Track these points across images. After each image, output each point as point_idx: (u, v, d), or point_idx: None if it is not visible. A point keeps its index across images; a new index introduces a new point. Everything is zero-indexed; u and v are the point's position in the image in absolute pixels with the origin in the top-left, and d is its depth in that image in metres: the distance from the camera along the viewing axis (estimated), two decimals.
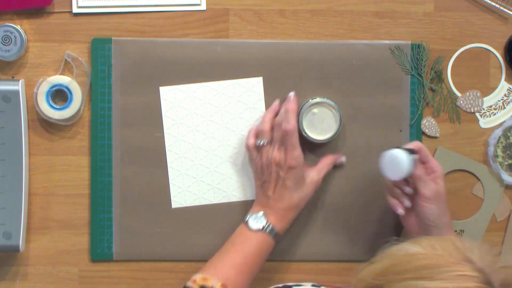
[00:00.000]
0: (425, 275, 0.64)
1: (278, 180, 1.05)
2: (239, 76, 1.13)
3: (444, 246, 0.68)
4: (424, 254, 0.67)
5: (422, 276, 0.64)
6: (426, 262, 0.66)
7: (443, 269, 0.65)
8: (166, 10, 1.13)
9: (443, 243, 0.69)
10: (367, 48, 1.14)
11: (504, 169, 1.16)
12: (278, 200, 1.06)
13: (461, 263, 0.65)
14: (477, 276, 0.64)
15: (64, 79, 1.10)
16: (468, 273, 0.64)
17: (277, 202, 1.06)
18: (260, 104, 1.13)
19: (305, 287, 0.92)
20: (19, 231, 1.09)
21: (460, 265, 0.65)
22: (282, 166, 1.05)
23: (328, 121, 1.10)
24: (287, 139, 1.05)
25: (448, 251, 0.67)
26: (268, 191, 1.06)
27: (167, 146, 1.13)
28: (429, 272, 0.65)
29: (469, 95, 1.16)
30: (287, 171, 1.04)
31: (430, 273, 0.64)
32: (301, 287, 0.92)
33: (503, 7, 1.15)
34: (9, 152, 1.08)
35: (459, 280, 0.64)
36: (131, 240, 1.12)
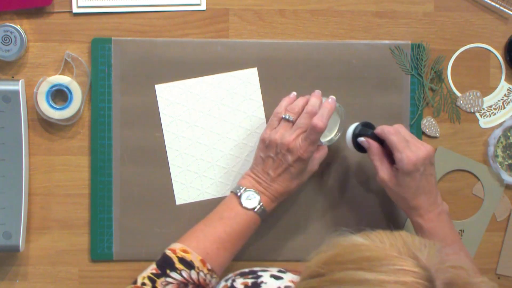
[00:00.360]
0: (366, 267, 0.64)
1: (283, 163, 1.04)
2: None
3: (393, 240, 0.68)
4: (367, 246, 0.67)
5: (362, 267, 0.64)
6: (369, 254, 0.66)
7: (384, 262, 0.64)
8: (166, 10, 1.13)
9: (393, 238, 0.68)
10: (367, 48, 1.14)
11: (504, 169, 1.16)
12: (277, 182, 1.04)
13: (404, 258, 0.65)
14: (418, 272, 0.63)
15: (64, 79, 1.10)
16: (409, 268, 0.63)
17: (275, 183, 1.04)
18: (256, 95, 1.13)
19: (271, 272, 0.92)
20: (19, 231, 1.09)
21: (403, 259, 0.64)
22: (293, 153, 1.03)
23: (331, 124, 1.07)
24: (312, 133, 1.02)
25: (396, 246, 0.66)
26: (269, 169, 1.04)
27: (167, 143, 1.13)
28: (370, 264, 0.64)
29: (469, 95, 1.16)
30: (296, 160, 1.03)
31: (370, 265, 0.64)
32: (267, 272, 0.92)
33: (503, 7, 1.15)
34: (9, 152, 1.08)
35: (398, 273, 0.63)
36: (131, 240, 1.12)
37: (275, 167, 1.04)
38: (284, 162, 1.03)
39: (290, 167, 1.03)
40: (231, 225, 1.02)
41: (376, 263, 0.64)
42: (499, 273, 1.18)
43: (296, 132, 1.03)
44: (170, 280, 0.98)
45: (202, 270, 0.99)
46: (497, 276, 1.18)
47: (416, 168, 0.99)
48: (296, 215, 1.14)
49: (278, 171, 1.04)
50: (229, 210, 1.04)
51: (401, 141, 1.00)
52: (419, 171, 0.99)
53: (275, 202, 1.06)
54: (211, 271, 1.00)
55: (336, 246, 0.69)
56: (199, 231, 1.03)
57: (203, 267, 0.99)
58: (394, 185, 1.02)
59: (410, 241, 0.68)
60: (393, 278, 0.63)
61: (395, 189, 1.02)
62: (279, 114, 1.06)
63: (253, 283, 0.89)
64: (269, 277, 0.90)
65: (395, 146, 1.00)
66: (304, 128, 1.03)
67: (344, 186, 1.15)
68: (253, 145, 1.13)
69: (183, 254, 0.99)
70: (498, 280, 1.18)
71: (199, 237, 1.02)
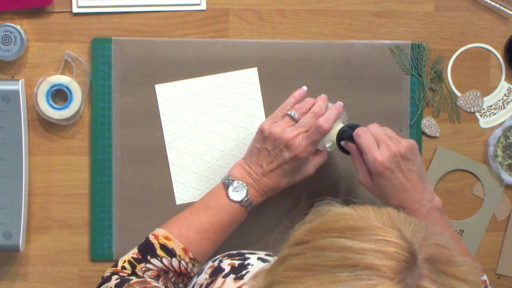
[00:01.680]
0: (348, 235, 0.65)
1: (278, 158, 1.02)
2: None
3: (378, 214, 0.68)
4: (352, 216, 0.68)
5: (345, 236, 0.65)
6: (352, 223, 0.66)
7: (367, 232, 0.65)
8: (166, 10, 1.13)
9: (379, 211, 0.69)
10: (367, 48, 1.14)
11: (504, 169, 1.16)
12: (269, 177, 1.03)
13: (387, 229, 0.65)
14: (400, 243, 0.64)
15: (64, 79, 1.10)
16: (391, 239, 0.64)
17: (266, 178, 1.03)
18: (256, 95, 1.13)
19: (258, 255, 0.92)
20: (19, 231, 1.09)
21: (386, 230, 0.65)
22: (291, 150, 1.01)
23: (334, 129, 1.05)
24: (315, 133, 1.01)
25: (381, 219, 0.67)
26: (263, 161, 1.03)
27: (167, 143, 1.13)
28: (353, 233, 0.65)
29: (469, 95, 1.16)
30: (292, 158, 1.01)
31: (353, 234, 0.65)
32: (255, 255, 0.92)
33: (503, 7, 1.15)
34: (9, 152, 1.08)
35: (380, 243, 0.63)
36: (131, 240, 1.12)
37: (269, 161, 1.03)
38: (280, 157, 1.02)
39: (285, 164, 1.02)
40: (215, 215, 1.02)
41: (359, 232, 0.65)
42: (499, 273, 1.18)
43: (298, 130, 1.02)
44: (150, 267, 0.98)
45: (183, 259, 0.99)
46: (497, 276, 1.18)
47: (385, 167, 0.96)
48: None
49: (272, 166, 1.03)
50: (216, 200, 1.03)
51: (368, 142, 0.98)
52: (389, 169, 0.97)
53: (264, 197, 1.05)
54: (193, 260, 1.00)
55: (321, 215, 0.70)
56: (183, 219, 1.03)
57: (184, 255, 0.99)
58: (372, 187, 1.00)
59: (395, 216, 0.68)
60: (374, 247, 0.63)
61: (374, 191, 1.01)
62: (285, 109, 1.05)
63: (239, 264, 0.89)
64: (256, 260, 0.90)
65: (362, 148, 0.99)
66: (307, 128, 1.02)
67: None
68: None
69: (165, 241, 0.99)
70: (498, 280, 1.18)
71: (183, 225, 1.01)
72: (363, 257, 0.62)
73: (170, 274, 0.99)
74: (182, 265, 0.99)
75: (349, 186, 1.15)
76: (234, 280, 0.87)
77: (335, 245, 0.65)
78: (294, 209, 1.14)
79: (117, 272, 0.98)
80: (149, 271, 0.98)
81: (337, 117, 1.03)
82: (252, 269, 0.88)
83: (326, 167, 1.12)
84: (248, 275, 0.87)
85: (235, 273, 0.88)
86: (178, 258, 0.99)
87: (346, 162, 1.13)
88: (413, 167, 0.98)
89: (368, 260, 0.62)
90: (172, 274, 0.99)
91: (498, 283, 1.18)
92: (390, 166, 0.97)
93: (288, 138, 1.01)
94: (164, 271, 0.99)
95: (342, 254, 0.63)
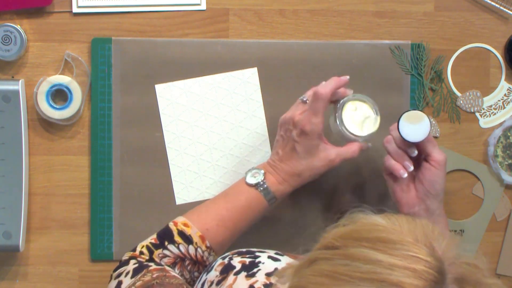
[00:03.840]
0: (380, 247, 0.64)
1: (290, 139, 1.03)
2: None
3: (412, 227, 0.67)
4: (385, 227, 0.67)
5: (376, 248, 0.64)
6: (385, 236, 0.65)
7: (399, 246, 0.64)
8: (166, 10, 1.13)
9: (413, 224, 0.68)
10: (367, 48, 1.14)
11: (504, 169, 1.16)
12: (284, 161, 1.03)
13: (419, 245, 0.64)
14: (431, 262, 0.63)
15: (64, 79, 1.10)
16: (422, 256, 0.63)
17: (282, 162, 1.03)
18: (256, 95, 1.13)
19: (268, 254, 0.92)
20: (19, 231, 1.09)
21: (417, 247, 0.64)
22: (297, 126, 1.01)
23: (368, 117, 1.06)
24: (314, 102, 1.01)
25: (414, 233, 0.66)
26: (279, 148, 1.04)
27: (167, 143, 1.13)
28: (384, 245, 0.64)
29: (469, 95, 1.16)
30: (299, 134, 1.01)
31: (385, 246, 0.64)
32: (265, 253, 0.92)
33: (503, 7, 1.15)
34: (9, 152, 1.08)
35: (409, 259, 0.63)
36: (131, 240, 1.12)
37: (283, 146, 1.04)
38: (290, 138, 1.02)
39: (296, 144, 1.02)
40: (232, 201, 1.03)
41: (390, 246, 0.64)
42: (499, 273, 1.18)
43: (304, 108, 1.02)
44: (167, 253, 0.98)
45: (200, 246, 0.99)
46: (497, 276, 1.18)
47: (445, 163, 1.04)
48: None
49: (286, 149, 1.03)
50: (234, 187, 1.05)
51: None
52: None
53: (284, 185, 1.03)
54: (209, 249, 0.99)
55: (355, 222, 0.69)
56: (203, 207, 1.04)
57: (201, 243, 0.99)
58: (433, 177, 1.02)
59: (429, 230, 0.67)
60: (403, 263, 0.62)
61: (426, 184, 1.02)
62: (305, 97, 1.05)
63: (250, 262, 0.89)
64: (267, 258, 0.90)
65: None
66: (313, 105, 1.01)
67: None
68: (252, 145, 1.13)
69: (183, 227, 0.99)
70: (498, 280, 1.18)
71: (202, 212, 1.02)
72: (391, 272, 0.62)
73: (187, 261, 0.99)
74: (199, 253, 0.99)
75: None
76: (246, 277, 0.87)
77: (365, 256, 0.64)
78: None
79: (135, 257, 0.99)
80: (166, 257, 0.98)
81: (336, 86, 1.02)
82: (263, 267, 0.88)
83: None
84: (260, 273, 0.87)
85: (247, 270, 0.88)
86: (195, 246, 0.99)
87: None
88: None
89: (395, 277, 0.61)
90: (188, 261, 0.99)
91: None
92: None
93: (294, 116, 1.02)
94: (181, 258, 0.99)
95: (371, 267, 0.63)
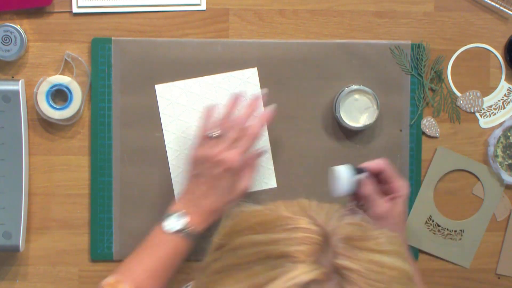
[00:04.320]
0: (260, 230, 0.66)
1: (212, 176, 1.01)
2: None
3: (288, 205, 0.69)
4: (260, 211, 0.69)
5: (257, 231, 0.66)
6: (262, 218, 0.67)
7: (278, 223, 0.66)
8: (166, 10, 1.13)
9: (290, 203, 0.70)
10: (367, 48, 1.14)
11: (504, 169, 1.16)
12: (208, 198, 1.02)
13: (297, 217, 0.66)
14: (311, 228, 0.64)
15: (64, 79, 1.10)
16: (301, 225, 0.64)
17: (205, 200, 1.02)
18: None
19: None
20: (19, 231, 1.09)
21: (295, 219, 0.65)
22: (222, 163, 1.01)
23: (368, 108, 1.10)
24: (246, 140, 1.03)
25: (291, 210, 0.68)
26: (199, 185, 1.02)
27: (167, 143, 1.13)
28: (264, 227, 0.66)
29: (469, 95, 1.16)
30: (225, 170, 1.01)
31: (264, 228, 0.66)
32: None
33: (503, 7, 1.15)
34: (9, 152, 1.08)
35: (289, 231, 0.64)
36: (131, 240, 1.12)
37: (204, 182, 1.02)
38: (213, 174, 1.01)
39: (220, 180, 1.01)
40: (158, 253, 1.00)
41: (270, 225, 0.66)
42: (499, 273, 1.18)
43: (223, 145, 1.02)
44: None
45: None
46: (497, 276, 1.18)
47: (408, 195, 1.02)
48: None
49: (208, 185, 1.02)
50: (156, 236, 1.01)
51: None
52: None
53: (206, 223, 1.02)
54: None
55: (232, 217, 0.71)
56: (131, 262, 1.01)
57: None
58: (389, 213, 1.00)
59: (306, 205, 0.69)
60: (284, 236, 0.64)
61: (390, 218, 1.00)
62: (204, 132, 1.04)
63: None
64: None
65: (394, 175, 1.00)
66: (231, 141, 1.02)
67: None
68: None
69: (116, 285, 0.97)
70: (498, 280, 1.18)
71: (131, 268, 1.00)
72: (275, 247, 0.63)
73: None
74: None
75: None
76: None
77: (247, 242, 0.66)
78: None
79: None
80: None
81: (264, 123, 1.06)
82: None
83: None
84: None
85: None
86: None
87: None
88: None
89: (279, 249, 0.63)
90: None
91: (498, 283, 1.18)
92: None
93: (216, 154, 1.01)
94: None
95: (255, 249, 0.64)
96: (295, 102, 1.13)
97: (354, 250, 0.64)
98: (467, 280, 1.18)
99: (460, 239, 1.17)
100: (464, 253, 1.17)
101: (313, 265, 0.62)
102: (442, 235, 1.17)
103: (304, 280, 0.61)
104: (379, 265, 0.63)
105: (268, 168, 1.14)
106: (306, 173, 1.14)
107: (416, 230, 1.16)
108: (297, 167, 1.14)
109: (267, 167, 1.14)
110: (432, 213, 1.16)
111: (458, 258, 1.17)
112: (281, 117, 1.13)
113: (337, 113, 1.10)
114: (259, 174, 1.13)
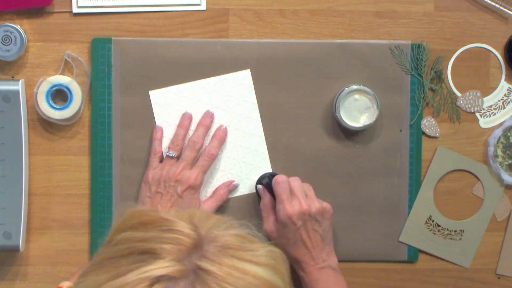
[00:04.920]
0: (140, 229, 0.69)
1: (173, 195, 1.05)
2: None
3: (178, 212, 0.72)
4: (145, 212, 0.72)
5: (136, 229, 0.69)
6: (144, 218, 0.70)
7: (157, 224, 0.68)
8: (166, 10, 1.13)
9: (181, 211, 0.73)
10: (367, 48, 1.14)
11: (504, 169, 1.16)
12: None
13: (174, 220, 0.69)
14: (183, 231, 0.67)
15: (64, 79, 1.10)
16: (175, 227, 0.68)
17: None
18: (250, 97, 1.13)
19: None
20: (19, 231, 1.09)
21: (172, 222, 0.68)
22: (183, 183, 1.05)
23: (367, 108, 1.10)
24: (205, 160, 1.07)
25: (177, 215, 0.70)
26: (164, 203, 1.05)
27: (164, 148, 1.12)
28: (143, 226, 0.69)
29: (469, 95, 1.16)
30: (186, 190, 1.05)
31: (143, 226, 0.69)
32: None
33: (503, 7, 1.15)
34: (9, 152, 1.08)
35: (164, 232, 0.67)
36: None
37: (169, 199, 1.06)
38: (174, 193, 1.05)
39: (179, 199, 1.05)
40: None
41: (150, 225, 0.69)
42: (499, 273, 1.18)
43: (182, 164, 1.06)
44: None
45: None
46: (497, 276, 1.18)
47: (291, 221, 1.03)
48: None
49: (168, 205, 1.05)
50: None
51: (284, 191, 1.04)
52: (295, 224, 1.03)
53: None
54: None
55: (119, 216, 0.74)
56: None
57: None
58: (275, 235, 1.05)
59: (195, 213, 0.72)
60: (156, 235, 0.67)
61: (276, 239, 1.05)
62: (158, 153, 1.09)
63: None
64: None
65: (276, 195, 1.05)
66: (190, 160, 1.07)
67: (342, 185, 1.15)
68: (249, 147, 1.13)
69: None
70: (498, 280, 1.18)
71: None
72: (144, 244, 0.66)
73: None
74: None
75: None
76: None
77: (125, 238, 0.69)
78: None
79: None
80: None
81: (223, 141, 1.10)
82: None
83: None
84: None
85: None
86: None
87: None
88: (319, 229, 1.05)
89: (147, 246, 0.66)
90: None
91: (498, 283, 1.18)
92: (297, 222, 1.03)
93: (176, 174, 1.06)
94: None
95: (128, 244, 0.68)
96: (295, 102, 1.13)
97: (223, 256, 0.66)
98: (467, 280, 1.18)
99: (460, 239, 1.17)
100: (464, 253, 1.17)
101: (171, 262, 0.65)
102: (442, 235, 1.17)
103: (156, 274, 0.64)
104: (241, 272, 0.66)
105: (267, 169, 1.14)
106: (306, 173, 1.13)
107: (416, 230, 1.16)
108: (297, 167, 1.14)
109: (266, 168, 1.14)
110: (432, 213, 1.16)
111: (458, 258, 1.17)
112: (281, 117, 1.13)
113: (337, 113, 1.10)
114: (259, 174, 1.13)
